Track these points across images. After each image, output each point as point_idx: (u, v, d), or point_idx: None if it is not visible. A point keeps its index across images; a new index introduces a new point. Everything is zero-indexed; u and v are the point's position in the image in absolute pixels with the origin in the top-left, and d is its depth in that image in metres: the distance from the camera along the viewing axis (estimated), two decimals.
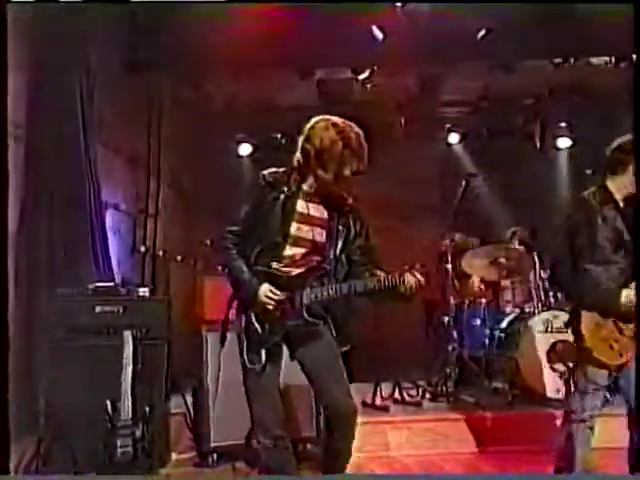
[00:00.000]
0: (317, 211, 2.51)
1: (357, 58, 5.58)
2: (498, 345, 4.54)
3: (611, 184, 2.77)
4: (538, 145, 7.14)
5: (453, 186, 4.75)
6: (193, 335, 3.92)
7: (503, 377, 4.39)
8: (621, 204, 2.75)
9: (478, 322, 4.80)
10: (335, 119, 2.49)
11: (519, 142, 7.14)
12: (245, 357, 2.48)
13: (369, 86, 5.93)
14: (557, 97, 6.62)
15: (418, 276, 2.37)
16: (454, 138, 7.18)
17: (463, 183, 4.31)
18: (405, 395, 4.39)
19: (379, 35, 5.18)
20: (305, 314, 2.45)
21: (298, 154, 2.52)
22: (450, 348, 4.61)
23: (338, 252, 2.51)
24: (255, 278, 2.45)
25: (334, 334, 2.54)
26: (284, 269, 2.50)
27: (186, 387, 4.01)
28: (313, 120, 2.52)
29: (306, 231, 2.49)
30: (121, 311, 3.60)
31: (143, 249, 5.50)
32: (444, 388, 4.44)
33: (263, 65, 5.56)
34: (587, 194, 2.78)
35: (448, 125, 7.12)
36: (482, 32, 5.13)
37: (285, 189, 2.48)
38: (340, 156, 2.38)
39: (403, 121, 6.95)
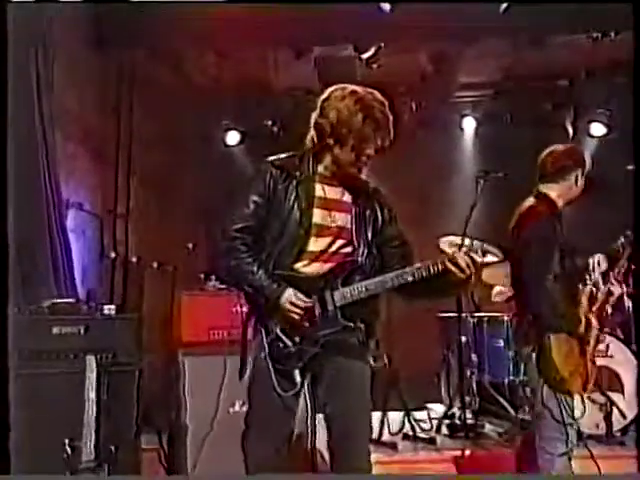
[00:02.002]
0: (337, 194, 2.44)
1: (361, 33, 5.50)
2: (525, 370, 4.40)
3: (552, 192, 2.95)
4: (571, 133, 7.01)
5: (471, 182, 4.61)
6: (168, 360, 3.81)
7: (531, 408, 4.26)
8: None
9: (501, 343, 4.67)
10: (354, 87, 2.40)
11: (548, 129, 7.01)
12: (275, 384, 2.31)
13: (374, 66, 5.84)
14: (595, 78, 6.48)
15: (474, 256, 2.27)
16: (472, 125, 7.08)
17: (481, 182, 4.15)
18: (417, 428, 4.27)
19: (386, 6, 5.06)
20: (340, 318, 2.33)
21: (312, 132, 2.43)
22: (468, 373, 4.48)
23: (369, 239, 2.43)
24: (276, 284, 2.33)
25: (370, 346, 2.44)
26: (309, 268, 2.38)
27: (161, 421, 3.90)
28: (328, 90, 2.42)
29: (329, 217, 2.41)
30: (83, 332, 3.49)
31: (113, 255, 5.40)
32: (462, 420, 4.31)
33: (252, 41, 5.49)
34: (528, 206, 2.92)
35: (466, 111, 7.02)
36: (505, 3, 5.01)
37: (298, 174, 2.39)
38: (360, 129, 2.29)
39: (414, 106, 6.86)
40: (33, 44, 4.18)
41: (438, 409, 4.97)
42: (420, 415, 4.58)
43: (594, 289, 2.95)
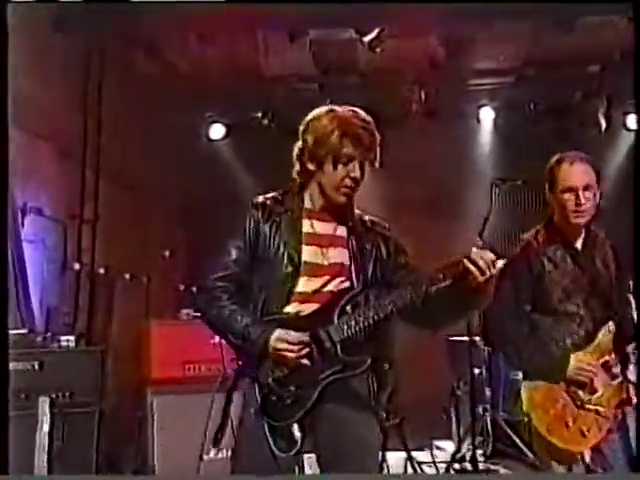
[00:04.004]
0: (329, 229, 2.40)
1: (362, 13, 5.38)
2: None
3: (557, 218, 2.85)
4: (603, 126, 6.90)
5: (488, 181, 4.50)
6: (135, 399, 3.73)
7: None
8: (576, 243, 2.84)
9: (519, 375, 4.55)
10: (334, 107, 2.39)
11: (577, 122, 6.92)
12: (272, 444, 2.23)
13: (378, 50, 5.75)
14: (631, 63, 6.36)
15: (489, 254, 2.14)
16: (490, 116, 7.01)
17: (496, 190, 4.03)
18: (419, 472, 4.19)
19: None
20: (341, 354, 2.23)
21: (296, 164, 2.41)
22: (481, 410, 4.38)
23: (370, 275, 2.37)
24: (261, 328, 2.28)
25: (381, 399, 2.35)
26: (301, 309, 2.32)
27: (125, 467, 3.82)
28: (309, 115, 2.40)
29: (321, 254, 2.36)
30: (36, 368, 3.45)
31: (77, 266, 5.31)
32: (473, 464, 4.23)
33: (239, 23, 5.40)
34: (530, 235, 2.87)
35: (483, 100, 6.95)
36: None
37: (282, 210, 2.39)
38: (338, 148, 2.27)
39: (423, 96, 6.78)
40: None
41: (444, 446, 4.88)
42: (424, 456, 4.48)
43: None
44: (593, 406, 2.68)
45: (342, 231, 2.39)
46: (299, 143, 2.37)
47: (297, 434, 2.22)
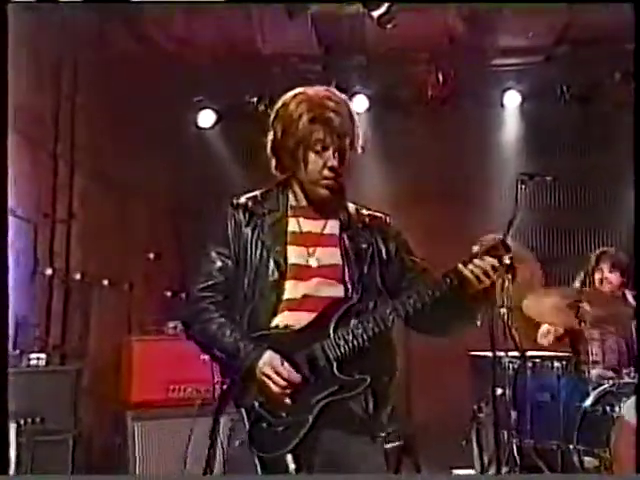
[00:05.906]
0: (317, 226, 2.44)
1: None
2: (580, 434, 4.27)
3: None
4: None
5: (513, 176, 4.49)
6: (114, 425, 3.73)
7: None
8: None
9: (548, 396, 4.54)
10: (304, 89, 2.41)
11: (614, 107, 6.90)
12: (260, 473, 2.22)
13: (389, 26, 5.71)
14: None
15: (488, 260, 2.20)
16: (516, 101, 6.99)
17: (522, 187, 4.01)
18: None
19: None
20: (337, 373, 2.24)
21: (272, 159, 2.42)
22: (505, 436, 4.36)
23: (365, 276, 2.38)
24: (252, 345, 2.29)
25: (381, 418, 2.34)
26: (291, 320, 2.33)
27: None
28: (279, 101, 2.42)
29: (307, 254, 2.39)
30: None
31: (49, 272, 5.31)
32: None
33: None
34: None
35: (508, 83, 6.92)
36: None
37: (266, 211, 2.43)
38: (307, 135, 2.29)
39: (440, 78, 6.76)
40: None
41: (466, 476, 4.86)
42: None
43: None
44: None
45: (333, 229, 2.42)
46: (270, 134, 2.38)
47: (291, 466, 2.19)
